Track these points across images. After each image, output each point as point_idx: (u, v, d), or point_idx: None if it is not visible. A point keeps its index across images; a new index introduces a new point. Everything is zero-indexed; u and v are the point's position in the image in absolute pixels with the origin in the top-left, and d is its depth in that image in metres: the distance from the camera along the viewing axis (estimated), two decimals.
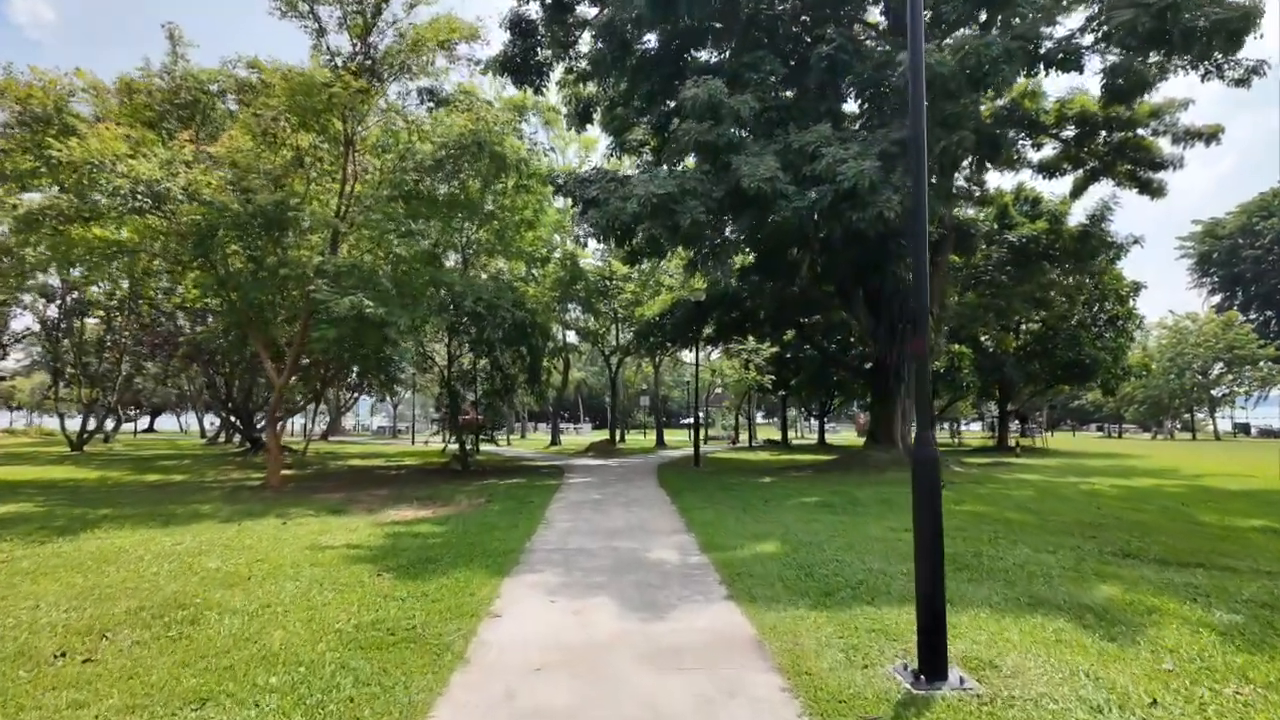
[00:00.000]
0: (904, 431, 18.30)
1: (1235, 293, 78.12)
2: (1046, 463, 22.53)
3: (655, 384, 41.62)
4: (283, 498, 13.39)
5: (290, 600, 5.96)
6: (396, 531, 9.25)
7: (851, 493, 13.09)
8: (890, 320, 17.82)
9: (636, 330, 24.49)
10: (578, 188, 14.99)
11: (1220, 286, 78.85)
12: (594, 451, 28.21)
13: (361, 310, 12.71)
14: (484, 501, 12.51)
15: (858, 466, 16.99)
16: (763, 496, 12.68)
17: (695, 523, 9.72)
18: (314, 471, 19.95)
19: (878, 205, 11.37)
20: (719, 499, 12.32)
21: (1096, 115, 20.39)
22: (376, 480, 17.29)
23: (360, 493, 14.35)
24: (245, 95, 16.56)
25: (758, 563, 7.14)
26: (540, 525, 9.60)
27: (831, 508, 11.16)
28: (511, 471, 19.32)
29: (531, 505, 11.65)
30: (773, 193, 11.76)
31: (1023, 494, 13.14)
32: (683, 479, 16.14)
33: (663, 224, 12.55)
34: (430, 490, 14.50)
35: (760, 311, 22.72)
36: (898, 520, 9.79)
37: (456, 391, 19.09)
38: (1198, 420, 61.27)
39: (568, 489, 14.28)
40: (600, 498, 12.69)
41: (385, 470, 20.33)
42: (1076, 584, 6.37)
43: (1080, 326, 27.84)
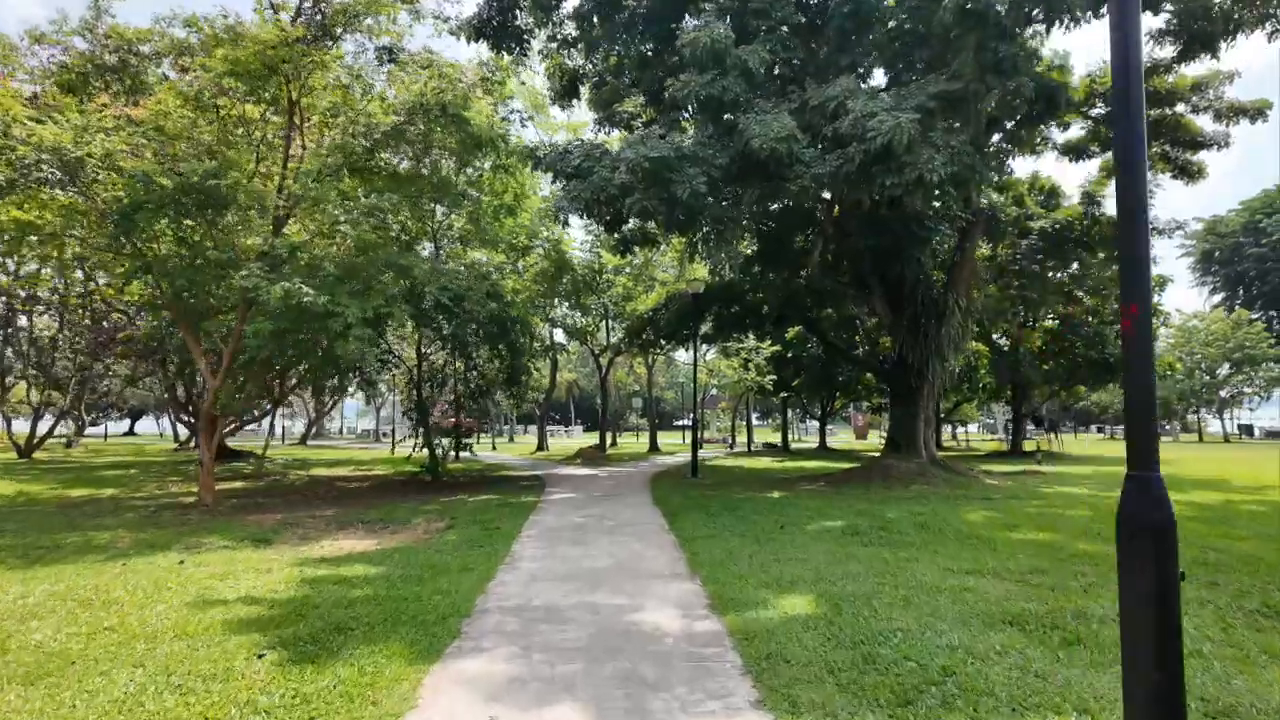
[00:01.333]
0: (927, 438, 16.36)
1: (1238, 292, 76.82)
2: (1076, 470, 20.63)
3: (648, 385, 39.63)
4: (208, 520, 11.33)
5: (105, 710, 3.96)
6: (318, 576, 7.22)
7: (879, 513, 11.13)
8: (913, 313, 15.89)
9: (628, 327, 22.47)
10: (559, 160, 13.00)
11: (1223, 285, 77.55)
12: (582, 458, 26.19)
13: (299, 299, 10.68)
14: (444, 526, 10.49)
15: (878, 478, 15.03)
16: (776, 518, 10.69)
17: (700, 560, 7.73)
18: (267, 484, 17.85)
19: (917, 167, 9.41)
20: (724, 522, 10.33)
21: None
22: (332, 495, 15.23)
23: (305, 512, 12.31)
24: (183, 59, 14.56)
25: (790, 634, 5.16)
26: (502, 565, 7.58)
27: (862, 536, 9.19)
28: (487, 484, 17.29)
29: (497, 533, 9.62)
30: (788, 156, 9.80)
31: (1079, 514, 11.20)
32: (680, 494, 14.14)
33: (657, 196, 10.56)
34: (386, 509, 12.46)
35: (763, 306, 20.77)
36: (951, 557, 7.83)
37: (425, 394, 17.05)
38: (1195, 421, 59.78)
39: (546, 508, 12.26)
40: (583, 521, 10.68)
41: (348, 482, 18.27)
42: (1252, 674, 4.41)
43: (1103, 322, 26.01)
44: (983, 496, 13.30)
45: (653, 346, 22.71)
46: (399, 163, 14.42)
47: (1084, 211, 18.30)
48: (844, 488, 14.74)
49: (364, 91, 13.58)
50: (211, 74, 13.04)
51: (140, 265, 13.12)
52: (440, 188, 15.42)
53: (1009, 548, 8.41)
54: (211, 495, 13.02)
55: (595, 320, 28.76)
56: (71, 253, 17.32)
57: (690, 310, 18.89)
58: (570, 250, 22.71)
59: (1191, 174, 19.74)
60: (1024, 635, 5.19)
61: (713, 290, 19.31)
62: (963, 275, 15.94)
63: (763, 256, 18.06)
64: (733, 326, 21.89)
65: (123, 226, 12.27)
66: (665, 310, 20.36)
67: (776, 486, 15.58)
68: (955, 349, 15.97)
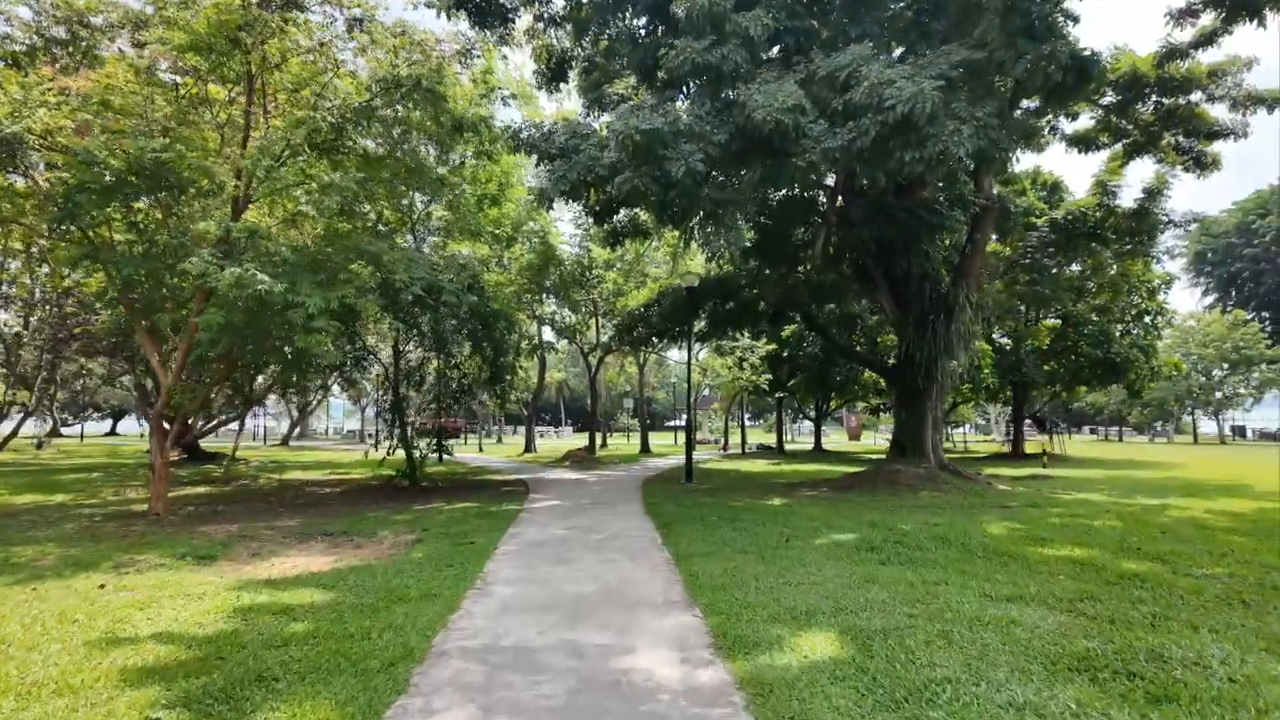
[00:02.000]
0: (935, 441, 15.45)
1: (1230, 293, 76.58)
2: (1085, 475, 19.78)
3: (640, 385, 38.63)
4: (154, 533, 10.27)
5: None
6: (255, 604, 6.20)
7: (892, 524, 10.19)
8: (920, 309, 14.98)
9: (618, 323, 21.46)
10: (543, 141, 12.01)
11: (1215, 286, 77.28)
12: (570, 461, 25.17)
13: (253, 287, 9.65)
14: (413, 539, 9.48)
15: (884, 484, 14.11)
16: (780, 530, 9.73)
17: (699, 583, 6.75)
18: (234, 489, 16.76)
19: (941, 140, 8.45)
20: (723, 535, 9.36)
21: (1147, 76, 17.69)
22: (300, 502, 14.17)
23: (265, 523, 11.26)
24: (140, 34, 13.49)
25: (815, 687, 4.19)
26: (471, 591, 6.58)
27: (879, 552, 8.24)
28: (468, 489, 16.26)
29: (470, 549, 8.61)
30: (794, 129, 8.84)
31: (1108, 526, 10.29)
32: (673, 501, 13.16)
33: (649, 175, 9.58)
34: (354, 519, 11.43)
35: (759, 302, 19.83)
36: (984, 579, 6.89)
37: (402, 394, 15.99)
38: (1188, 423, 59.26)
39: (528, 518, 11.25)
40: (567, 534, 9.67)
41: (320, 487, 17.20)
42: None
43: (1110, 320, 25.22)
44: (998, 505, 12.39)
45: (644, 344, 21.72)
46: (372, 146, 13.36)
47: (1099, 202, 17.46)
48: (849, 494, 13.80)
49: (332, 65, 12.52)
50: (169, 47, 12.04)
51: (86, 252, 12.04)
52: (416, 173, 14.39)
53: (1045, 567, 7.48)
54: (163, 504, 11.94)
55: (585, 318, 27.75)
56: (21, 241, 16.21)
57: (684, 305, 17.92)
58: (559, 244, 21.65)
59: (1205, 165, 18.94)
60: (1098, 688, 4.24)
61: (708, 284, 18.34)
62: (973, 268, 15.04)
63: (760, 250, 17.12)
64: (728, 323, 20.92)
65: (67, 210, 11.23)
66: (657, 306, 19.38)
67: (776, 492, 14.63)
68: (965, 347, 15.08)
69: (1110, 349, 24.74)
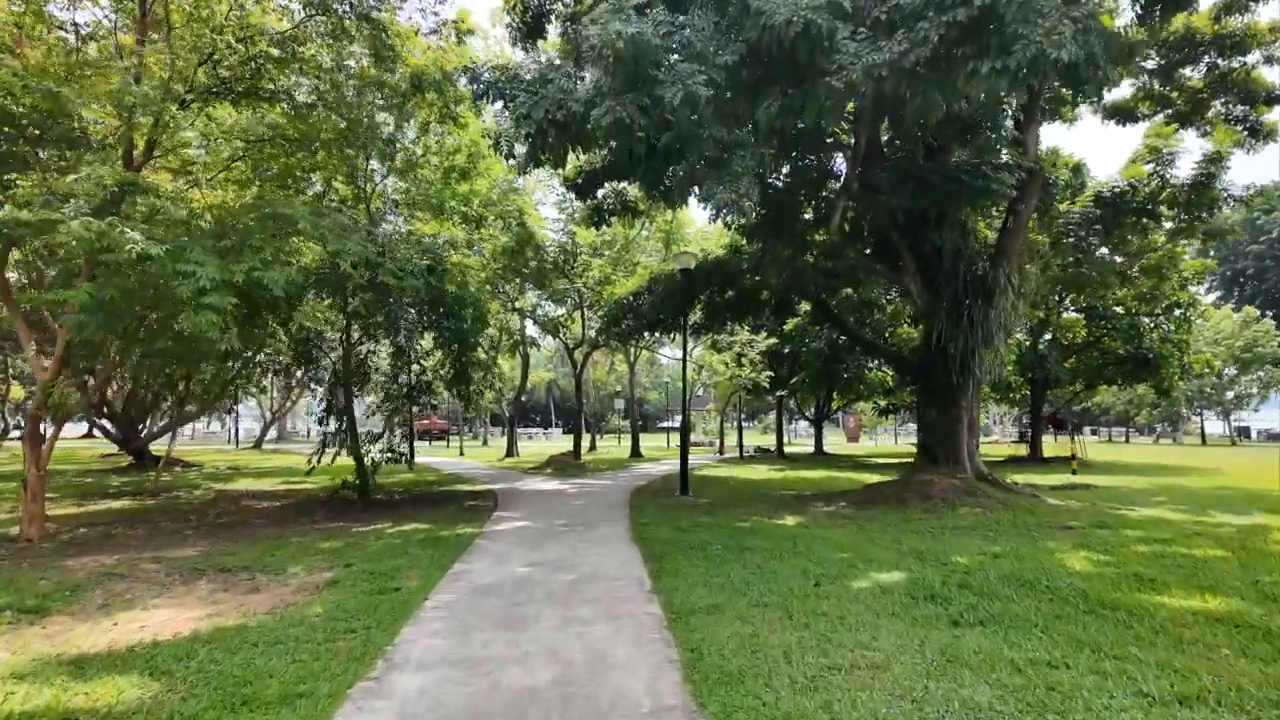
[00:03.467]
0: (972, 447, 13.33)
1: (1233, 290, 75.04)
2: (1129, 483, 17.72)
3: (630, 384, 36.45)
4: (3, 567, 8.04)
5: None
6: (18, 713, 3.98)
7: (943, 555, 8.06)
8: (954, 294, 12.85)
9: (605, 313, 19.24)
10: (508, 83, 9.79)
11: (1219, 284, 75.68)
12: (553, 467, 22.91)
13: (120, 248, 7.43)
14: (325, 581, 7.26)
15: (914, 498, 11.98)
16: (803, 566, 7.55)
17: (706, 668, 4.56)
18: (157, 503, 14.46)
19: (1033, 42, 6.25)
20: (732, 575, 7.17)
21: (1202, 33, 15.65)
22: (220, 521, 11.90)
23: (156, 552, 9.02)
24: None
25: None
26: (360, 684, 4.35)
27: (944, 603, 6.09)
28: (427, 503, 14.02)
29: (392, 599, 6.39)
30: (828, 36, 6.68)
31: (1214, 556, 8.15)
32: (667, 521, 10.96)
33: (636, 104, 7.41)
34: (270, 547, 9.19)
35: (762, 290, 17.67)
36: (1114, 653, 4.76)
37: (351, 391, 13.72)
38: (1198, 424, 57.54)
39: (484, 547, 9.04)
40: (527, 572, 7.46)
41: (260, 500, 14.92)
42: None
43: (1141, 312, 23.22)
44: (1058, 525, 10.26)
45: (634, 337, 19.53)
46: (304, 95, 11.14)
47: (1152, 172, 15.40)
48: (874, 510, 11.66)
49: None
50: None
51: None
52: (359, 130, 12.16)
53: (1185, 630, 5.34)
54: (37, 527, 9.67)
55: (570, 310, 25.52)
56: None
57: (679, 291, 15.74)
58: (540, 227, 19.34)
59: (1261, 135, 16.91)
60: None
61: (704, 268, 16.17)
62: (1015, 246, 12.93)
63: (765, 227, 14.97)
64: (727, 314, 18.76)
65: None
66: (648, 294, 17.19)
67: (787, 508, 12.45)
68: (1006, 336, 12.97)
69: (1141, 344, 22.72)
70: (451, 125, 15.62)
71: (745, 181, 7.29)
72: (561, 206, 23.62)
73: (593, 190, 15.54)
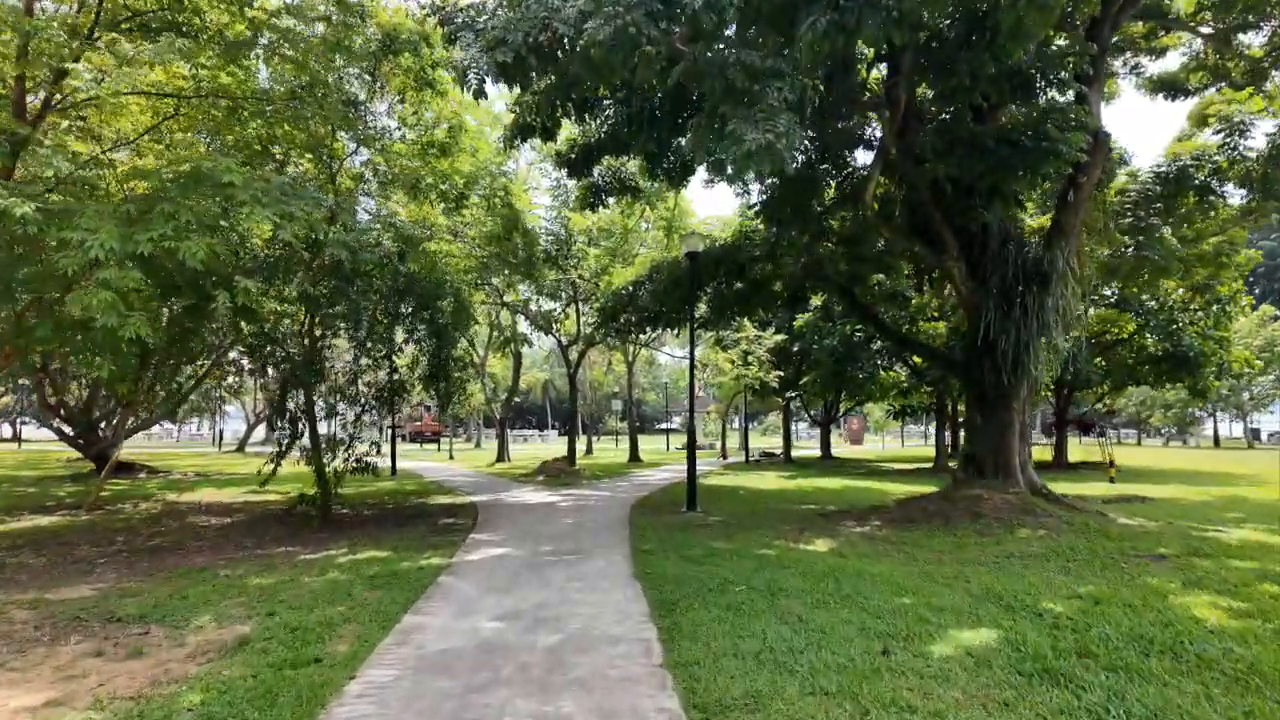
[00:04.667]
0: (1025, 456, 11.60)
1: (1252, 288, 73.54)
2: (1184, 494, 16.02)
3: (629, 385, 34.68)
4: None
5: None
6: None
7: (1030, 600, 6.33)
8: (1003, 280, 11.13)
9: (601, 306, 17.44)
10: (485, 18, 8.04)
11: None
12: (545, 475, 21.15)
13: None
14: (232, 642, 5.50)
15: (963, 515, 10.25)
16: (859, 620, 5.80)
17: None
18: (88, 519, 12.67)
19: None
20: (767, 631, 5.44)
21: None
22: (150, 544, 10.12)
23: (47, 587, 7.28)
24: None
25: None
26: None
27: (1074, 688, 4.36)
28: (396, 520, 12.25)
29: (309, 675, 4.63)
30: None
31: None
32: (675, 548, 9.20)
33: (645, 10, 5.69)
34: (190, 583, 7.43)
35: (774, 280, 15.92)
36: None
37: (311, 392, 11.93)
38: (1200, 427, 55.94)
39: (449, 587, 7.27)
40: (497, 629, 5.70)
41: (211, 515, 13.15)
42: None
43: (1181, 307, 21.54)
44: (1145, 553, 8.52)
45: (634, 332, 17.75)
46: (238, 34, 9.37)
47: (1222, 143, 13.70)
48: (916, 531, 9.91)
49: None
50: None
51: None
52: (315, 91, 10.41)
53: None
54: None
55: (564, 305, 23.78)
56: None
57: (684, 279, 13.99)
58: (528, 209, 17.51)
59: None
60: None
61: (712, 255, 14.41)
62: (1075, 223, 11.20)
63: (780, 205, 13.27)
64: (735, 308, 16.96)
65: None
66: (649, 283, 15.44)
67: (813, 527, 10.70)
68: (1064, 329, 11.24)
69: (1180, 340, 21.04)
70: (430, 94, 13.91)
71: (783, 119, 5.59)
72: (555, 194, 21.90)
73: (587, 167, 13.81)
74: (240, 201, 7.48)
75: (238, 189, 7.53)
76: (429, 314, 12.29)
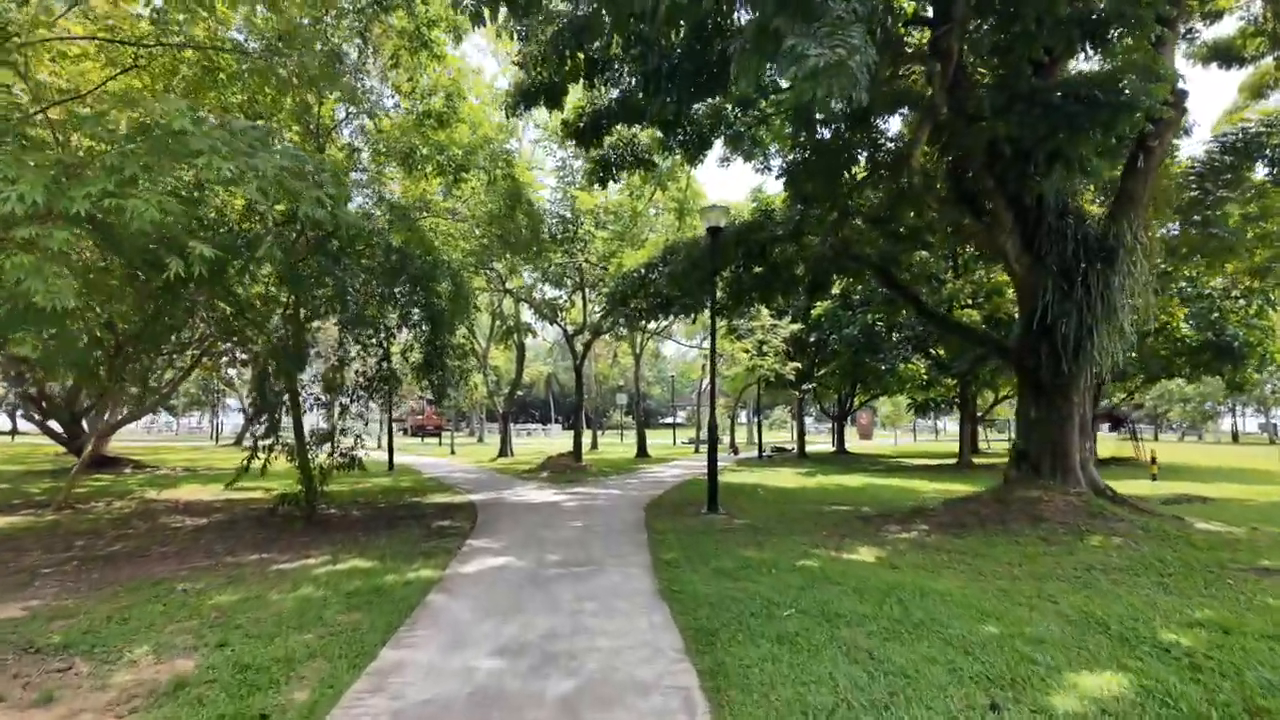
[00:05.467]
0: (1086, 453, 10.48)
1: None
2: (1241, 493, 14.89)
3: (636, 377, 33.57)
4: None
5: None
6: None
7: (1143, 628, 5.22)
8: (1061, 256, 9.97)
9: (611, 291, 16.26)
10: None
11: None
12: (549, 471, 20.05)
13: None
14: (169, 682, 4.40)
15: (1020, 519, 9.13)
16: (946, 657, 4.67)
17: None
18: (52, 519, 11.60)
19: None
20: (836, 673, 4.32)
21: None
22: (111, 550, 9.04)
23: None
24: None
25: None
26: None
27: None
28: (386, 522, 11.13)
29: None
30: None
31: None
32: (702, 557, 8.04)
33: None
34: (134, 600, 6.34)
35: (796, 263, 14.76)
36: None
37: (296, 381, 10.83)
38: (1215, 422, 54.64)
39: (438, 608, 6.16)
40: (495, 670, 4.58)
41: (187, 515, 12.08)
42: None
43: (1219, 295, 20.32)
44: (1246, 565, 7.39)
45: (645, 320, 16.58)
46: None
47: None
48: (970, 537, 8.78)
49: None
50: None
51: None
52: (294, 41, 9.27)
53: None
54: None
55: (569, 292, 22.62)
56: None
57: (703, 258, 12.84)
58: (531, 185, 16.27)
59: None
60: None
61: (730, 233, 13.21)
62: (1145, 192, 10.05)
63: (806, 175, 12.13)
64: (752, 294, 15.77)
65: None
66: (664, 266, 14.28)
67: (852, 532, 9.57)
68: (1131, 311, 10.08)
69: (1224, 330, 19.86)
70: (425, 56, 12.78)
71: (856, 31, 4.47)
72: (560, 175, 20.74)
73: (597, 135, 12.66)
74: (194, 151, 6.35)
75: (191, 136, 6.40)
76: (423, 297, 11.16)
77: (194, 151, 6.47)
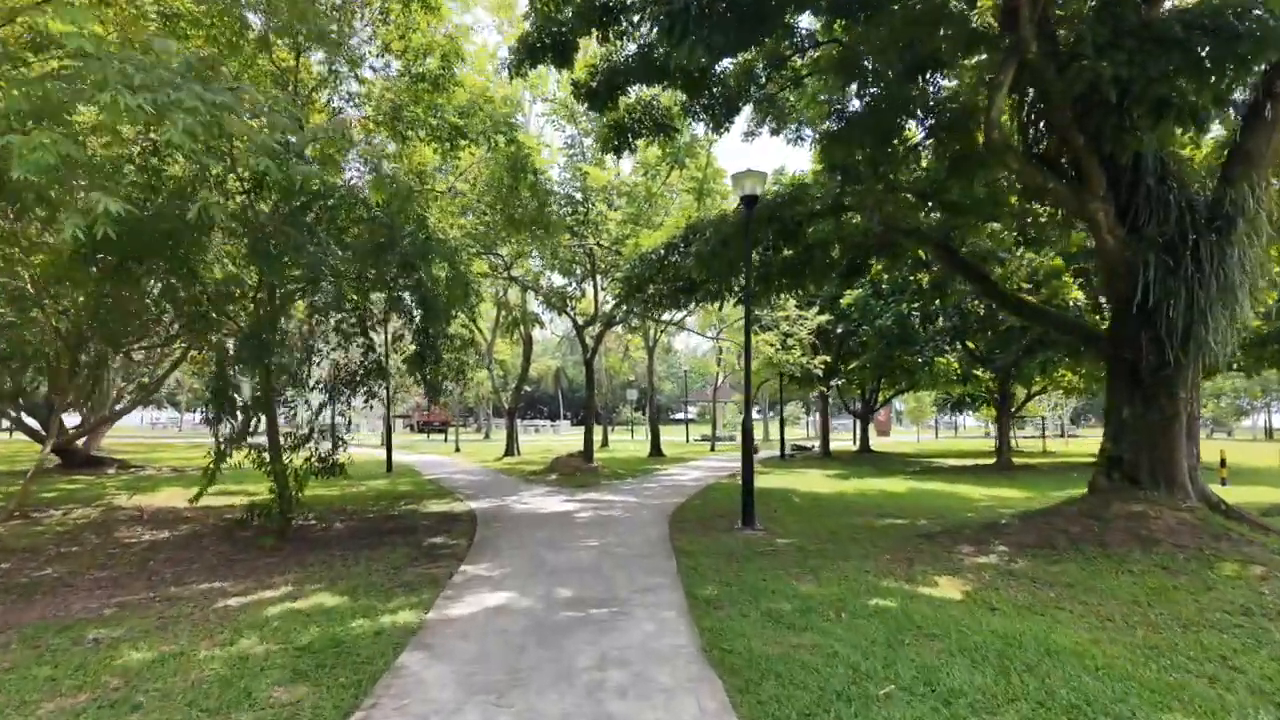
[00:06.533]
0: (1193, 459, 8.90)
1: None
2: None
3: (650, 372, 32.09)
4: None
5: None
6: None
7: None
8: (1163, 227, 8.39)
9: (626, 274, 14.69)
10: None
11: None
12: (558, 473, 18.58)
13: None
14: None
15: (1121, 539, 7.59)
16: None
17: None
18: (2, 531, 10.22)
19: None
20: None
21: None
22: (39, 575, 7.62)
23: None
24: None
25: None
26: None
27: None
28: (370, 538, 9.65)
29: None
30: None
31: None
32: (751, 598, 6.50)
33: None
34: (5, 663, 4.88)
35: (833, 244, 13.17)
36: None
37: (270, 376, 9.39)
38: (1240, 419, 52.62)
39: (411, 677, 4.66)
40: None
41: (142, 526, 10.68)
42: None
43: None
44: None
45: (665, 306, 14.99)
46: None
47: None
48: (1068, 563, 7.24)
49: None
50: None
51: None
52: None
53: None
54: None
55: (579, 279, 21.13)
56: None
57: (735, 235, 11.28)
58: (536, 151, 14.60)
59: None
60: None
61: (764, 206, 11.61)
62: (1265, 152, 8.45)
63: (853, 139, 10.59)
64: (782, 280, 14.16)
65: None
66: (685, 246, 12.73)
67: (919, 554, 8.03)
68: (1252, 290, 8.49)
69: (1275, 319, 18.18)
70: (417, 7, 11.30)
71: None
72: (569, 152, 19.22)
73: (612, 97, 11.16)
74: (94, 82, 4.89)
75: (91, 60, 4.94)
76: (415, 279, 9.65)
77: (93, 82, 5.00)
